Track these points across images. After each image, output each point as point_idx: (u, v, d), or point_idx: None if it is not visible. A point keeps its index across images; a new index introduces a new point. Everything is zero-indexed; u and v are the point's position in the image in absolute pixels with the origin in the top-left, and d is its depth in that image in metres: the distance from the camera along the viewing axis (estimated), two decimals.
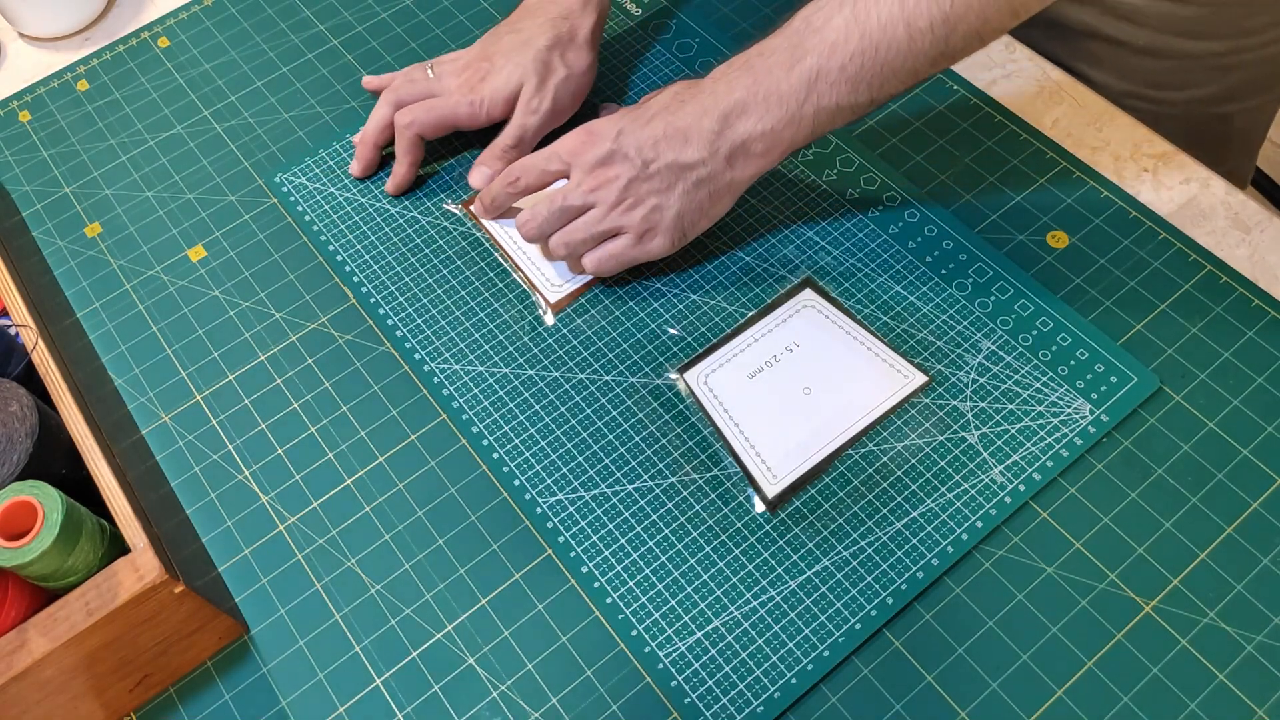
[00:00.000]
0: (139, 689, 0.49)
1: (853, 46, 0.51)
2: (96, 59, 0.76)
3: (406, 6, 0.76)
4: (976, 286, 0.59)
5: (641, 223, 0.56)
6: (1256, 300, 0.57)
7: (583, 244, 0.58)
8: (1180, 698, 0.47)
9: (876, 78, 0.51)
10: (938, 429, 0.54)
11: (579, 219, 0.57)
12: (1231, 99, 0.73)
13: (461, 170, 0.67)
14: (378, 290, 0.62)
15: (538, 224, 0.58)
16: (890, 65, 0.51)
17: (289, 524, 0.55)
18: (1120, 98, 0.66)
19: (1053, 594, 0.49)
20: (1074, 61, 0.72)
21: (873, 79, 0.51)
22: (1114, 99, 0.66)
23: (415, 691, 0.49)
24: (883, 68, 0.51)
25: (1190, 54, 0.69)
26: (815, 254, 0.61)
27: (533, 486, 0.54)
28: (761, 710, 0.47)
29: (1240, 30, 0.68)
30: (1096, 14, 0.69)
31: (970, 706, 0.47)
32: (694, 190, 0.55)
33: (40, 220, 0.68)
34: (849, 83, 0.51)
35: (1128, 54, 0.70)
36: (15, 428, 0.48)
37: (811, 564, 0.51)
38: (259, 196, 0.67)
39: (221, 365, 0.60)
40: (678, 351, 0.58)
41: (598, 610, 0.51)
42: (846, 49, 0.51)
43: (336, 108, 0.71)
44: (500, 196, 0.62)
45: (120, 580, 0.44)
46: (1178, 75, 0.70)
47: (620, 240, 0.57)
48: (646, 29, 0.73)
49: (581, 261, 0.59)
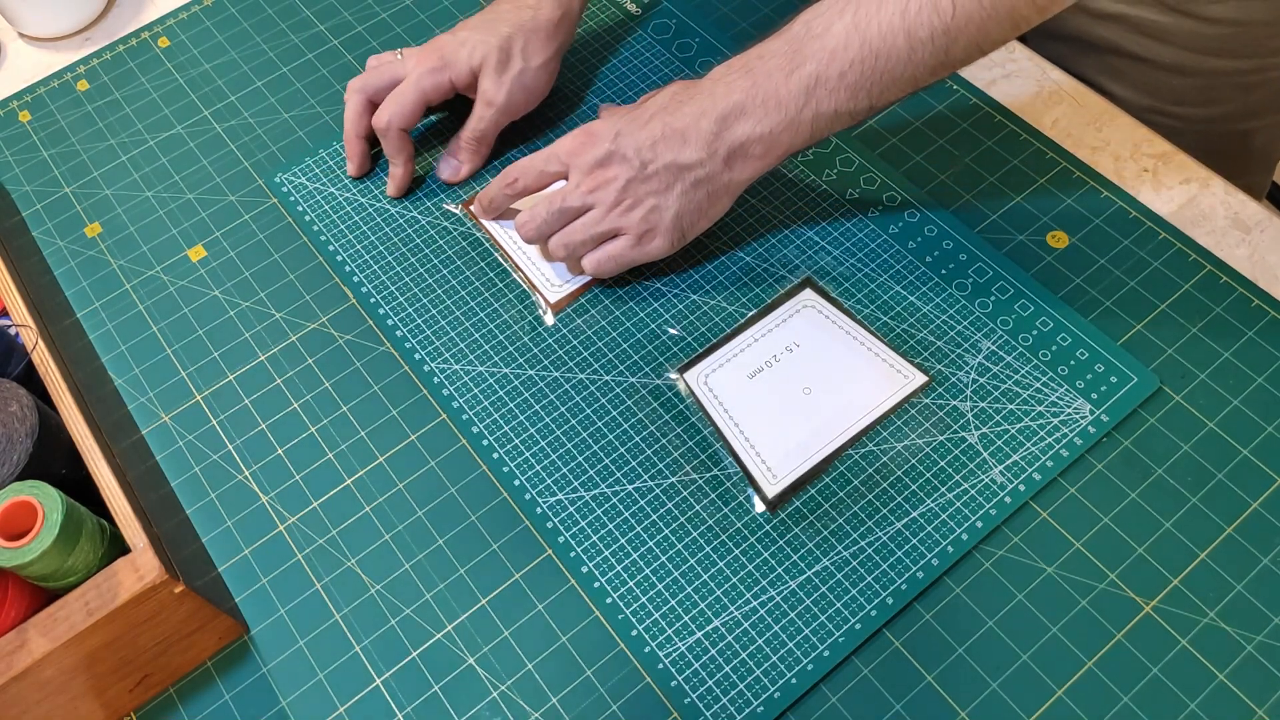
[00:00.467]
0: (139, 689, 0.49)
1: (852, 54, 0.51)
2: (96, 59, 0.76)
3: (406, 6, 0.76)
4: (976, 286, 0.59)
5: (640, 223, 0.56)
6: (1256, 300, 0.57)
7: (582, 245, 0.58)
8: (1180, 698, 0.47)
9: (876, 86, 0.51)
10: (938, 429, 0.54)
11: (578, 220, 0.57)
12: (1253, 116, 0.73)
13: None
14: (378, 290, 0.62)
15: (537, 225, 0.58)
16: (890, 74, 0.51)
17: (289, 524, 0.55)
18: (1142, 113, 0.66)
19: (1053, 594, 0.49)
20: (1098, 77, 0.72)
21: (872, 87, 0.51)
22: (1136, 115, 0.66)
23: (415, 691, 0.49)
24: (882, 76, 0.51)
25: (1215, 71, 0.69)
26: (815, 254, 0.61)
27: (533, 486, 0.54)
28: (761, 710, 0.47)
29: (1265, 49, 0.68)
30: (1121, 31, 0.69)
31: (970, 706, 0.47)
32: (692, 191, 0.55)
33: (40, 220, 0.68)
34: (848, 90, 0.51)
35: (1152, 70, 0.70)
36: (15, 428, 0.48)
37: (811, 564, 0.51)
38: (259, 196, 0.67)
39: (221, 365, 0.60)
40: (678, 351, 0.58)
41: (598, 610, 0.51)
42: (846, 56, 0.51)
43: (336, 108, 0.71)
44: (498, 198, 0.62)
45: (120, 580, 0.44)
46: (1201, 92, 0.70)
47: (620, 241, 0.57)
48: (646, 29, 0.73)
49: (581, 263, 0.59)
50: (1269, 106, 0.73)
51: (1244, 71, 0.69)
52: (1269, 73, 0.70)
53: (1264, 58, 0.69)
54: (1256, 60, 0.69)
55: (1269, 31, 0.67)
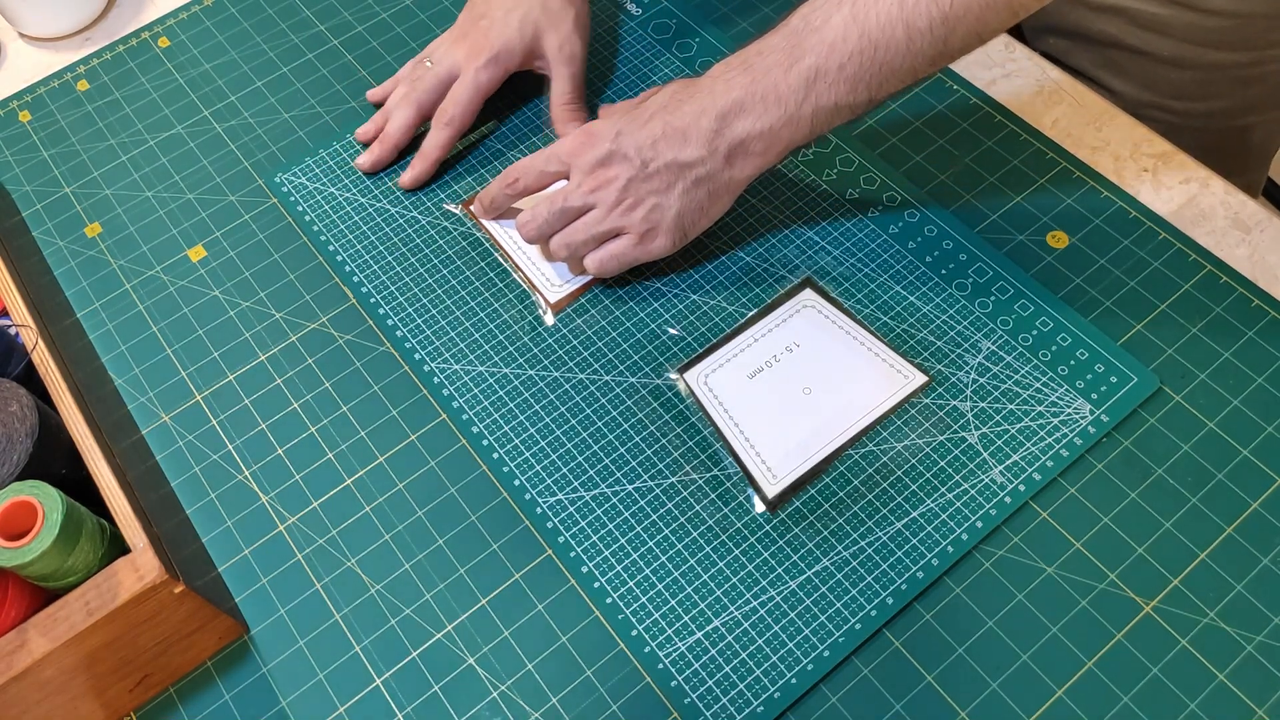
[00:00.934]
0: (139, 689, 0.49)
1: (851, 46, 0.51)
2: (96, 59, 0.76)
3: (406, 6, 0.76)
4: (976, 286, 0.59)
5: (642, 223, 0.56)
6: (1256, 300, 0.57)
7: (584, 245, 0.58)
8: (1180, 698, 0.47)
9: (875, 77, 0.51)
10: (938, 429, 0.54)
11: (579, 220, 0.58)
12: (1251, 111, 0.73)
13: (462, 170, 0.67)
14: (378, 290, 0.62)
15: (538, 225, 0.58)
16: (889, 65, 0.51)
17: (289, 524, 0.55)
18: (1141, 108, 0.66)
19: (1053, 594, 0.49)
20: (1097, 71, 0.72)
21: (871, 79, 0.51)
22: (1134, 110, 0.66)
23: (415, 691, 0.49)
24: (881, 67, 0.51)
25: (1214, 65, 0.69)
26: (815, 254, 0.61)
27: (533, 486, 0.54)
28: (761, 710, 0.47)
29: (1265, 42, 0.68)
30: (1121, 24, 0.69)
31: (970, 706, 0.47)
32: (693, 189, 0.55)
33: (40, 220, 0.68)
34: (848, 82, 0.51)
35: (1151, 64, 0.70)
36: (15, 428, 0.48)
37: (811, 564, 0.51)
38: (259, 196, 0.67)
39: (221, 365, 0.60)
40: (678, 351, 0.58)
41: (598, 610, 0.51)
42: (845, 49, 0.51)
43: (336, 108, 0.71)
44: (499, 198, 0.62)
45: (120, 580, 0.44)
46: (1200, 86, 0.71)
47: (622, 241, 0.57)
48: (646, 29, 0.73)
49: (583, 262, 0.59)
50: (1267, 102, 0.73)
51: (1243, 65, 0.69)
52: (1267, 66, 0.70)
53: (1262, 50, 0.69)
54: (1255, 53, 0.69)
55: (1268, 24, 0.67)
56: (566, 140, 0.58)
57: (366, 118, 0.70)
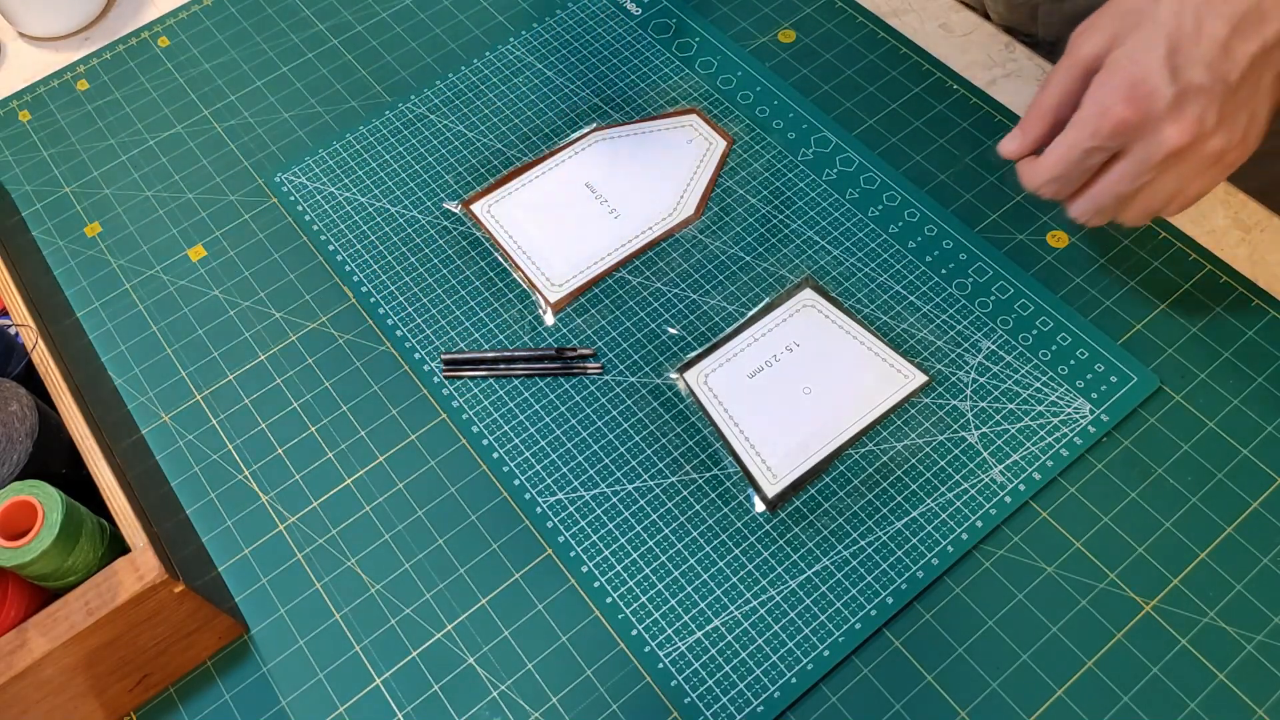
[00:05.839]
0: (139, 689, 0.49)
1: None
2: (96, 59, 0.76)
3: (406, 6, 0.76)
4: (976, 286, 0.59)
5: (1239, 147, 0.46)
6: (1256, 300, 0.57)
7: (1172, 200, 0.48)
8: (1180, 698, 0.47)
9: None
10: (938, 429, 0.54)
11: (1159, 180, 0.46)
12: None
13: (462, 170, 0.67)
14: (378, 290, 0.62)
15: (1122, 206, 0.48)
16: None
17: (289, 524, 0.55)
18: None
19: (1053, 594, 0.49)
20: None
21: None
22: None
23: (415, 691, 0.49)
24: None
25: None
26: (815, 254, 0.61)
27: (533, 486, 0.54)
28: (761, 710, 0.47)
29: None
30: None
31: (970, 706, 0.47)
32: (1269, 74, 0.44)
33: (40, 220, 0.68)
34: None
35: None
36: (15, 428, 0.48)
37: (811, 564, 0.51)
38: (259, 196, 0.67)
39: (221, 365, 0.60)
40: (678, 351, 0.58)
41: (598, 610, 0.51)
42: None
43: (336, 108, 0.71)
44: (1105, 199, 0.49)
45: (120, 580, 0.44)
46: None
47: (1209, 176, 0.47)
48: (646, 29, 0.73)
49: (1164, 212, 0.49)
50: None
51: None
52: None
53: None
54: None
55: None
56: (1092, 121, 0.45)
57: (366, 117, 0.70)
